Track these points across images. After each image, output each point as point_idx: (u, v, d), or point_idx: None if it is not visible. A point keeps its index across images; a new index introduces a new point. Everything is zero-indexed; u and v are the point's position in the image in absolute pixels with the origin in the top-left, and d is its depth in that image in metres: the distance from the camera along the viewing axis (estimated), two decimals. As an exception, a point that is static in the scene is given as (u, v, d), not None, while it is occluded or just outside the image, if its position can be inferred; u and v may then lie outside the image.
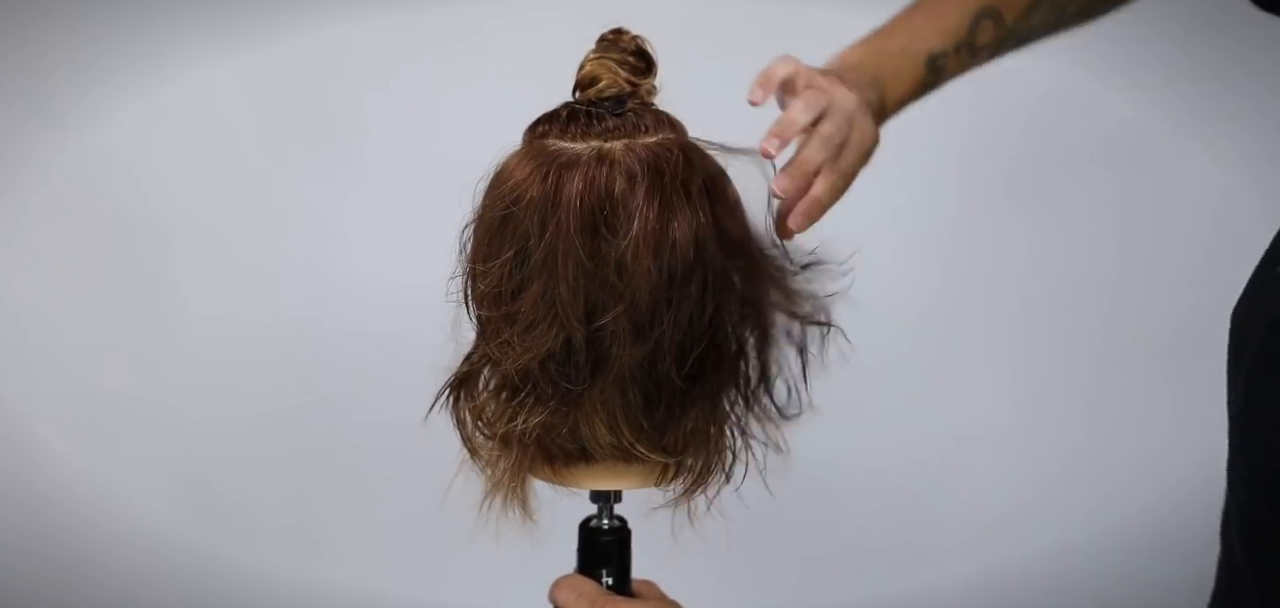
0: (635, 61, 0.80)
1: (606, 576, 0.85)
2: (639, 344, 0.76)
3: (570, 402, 0.78)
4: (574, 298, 0.75)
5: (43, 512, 1.58)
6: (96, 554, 1.59)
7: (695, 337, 0.77)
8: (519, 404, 0.80)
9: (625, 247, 0.74)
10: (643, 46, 0.81)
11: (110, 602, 1.60)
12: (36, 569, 1.59)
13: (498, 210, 0.78)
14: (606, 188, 0.75)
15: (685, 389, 0.78)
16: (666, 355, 0.76)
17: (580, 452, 0.82)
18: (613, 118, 0.78)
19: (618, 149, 0.77)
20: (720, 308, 0.79)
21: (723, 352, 0.80)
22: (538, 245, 0.76)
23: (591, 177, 0.75)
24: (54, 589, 1.59)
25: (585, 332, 0.76)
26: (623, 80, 0.79)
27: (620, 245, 0.74)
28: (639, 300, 0.75)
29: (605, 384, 0.77)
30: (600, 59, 0.80)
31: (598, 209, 0.75)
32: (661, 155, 0.76)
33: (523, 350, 0.77)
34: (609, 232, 0.75)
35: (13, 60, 1.50)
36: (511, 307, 0.78)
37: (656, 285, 0.75)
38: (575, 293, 0.75)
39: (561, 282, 0.75)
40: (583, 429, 0.79)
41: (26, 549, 1.58)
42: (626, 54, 0.80)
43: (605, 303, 0.75)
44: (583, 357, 0.77)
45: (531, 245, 0.76)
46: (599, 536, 0.85)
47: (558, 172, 0.76)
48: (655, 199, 0.75)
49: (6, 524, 1.58)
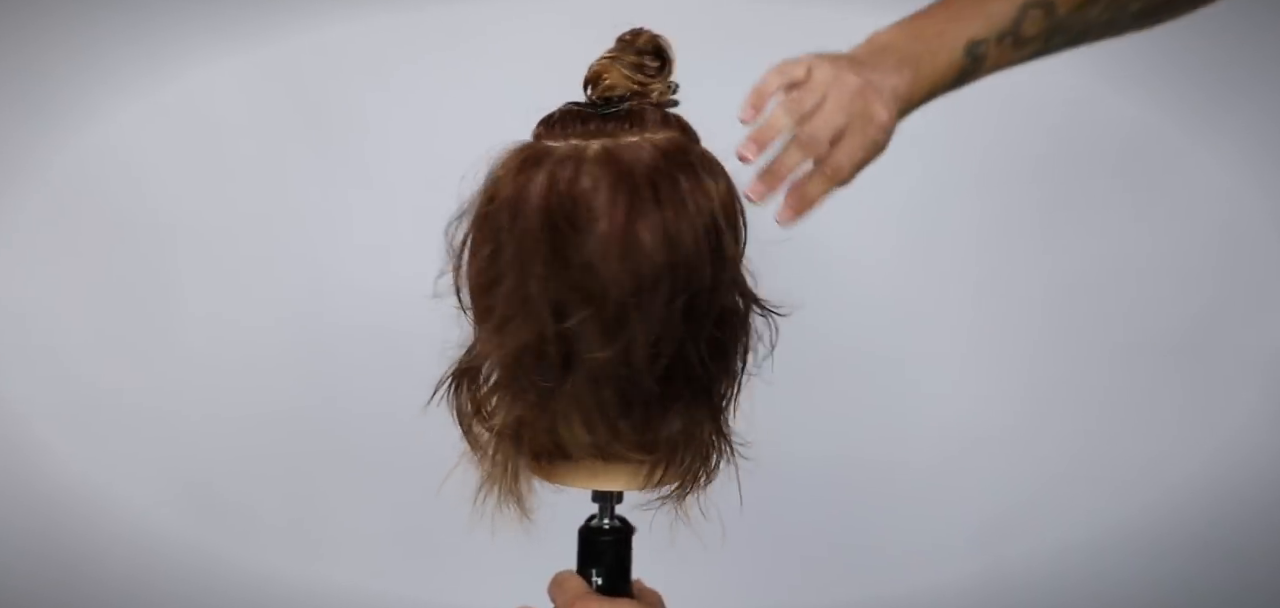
0: (648, 62, 0.80)
1: (596, 575, 0.85)
2: (607, 344, 0.75)
3: (546, 399, 0.78)
4: (542, 295, 0.75)
5: (43, 512, 1.58)
6: (96, 554, 1.59)
7: (667, 341, 0.76)
8: (500, 399, 0.80)
9: (592, 247, 0.74)
10: (660, 46, 0.81)
11: (110, 602, 1.60)
12: (36, 569, 1.59)
13: (480, 206, 0.79)
14: (568, 186, 0.75)
15: (661, 391, 0.77)
16: (639, 358, 0.75)
17: (561, 449, 0.82)
18: (610, 117, 0.78)
19: (592, 148, 0.76)
20: (695, 314, 0.77)
21: (692, 359, 0.78)
22: (509, 241, 0.76)
23: (555, 175, 0.75)
24: (54, 589, 1.59)
25: (554, 329, 0.76)
26: (627, 80, 0.79)
27: (587, 245, 0.74)
28: (606, 301, 0.74)
29: (577, 383, 0.77)
30: (610, 58, 0.80)
31: (559, 207, 0.75)
32: (638, 156, 0.76)
33: (497, 345, 0.78)
34: (572, 229, 0.74)
35: (13, 60, 1.50)
36: (488, 300, 0.78)
37: (623, 287, 0.74)
38: (544, 290, 0.75)
39: (531, 278, 0.75)
40: (561, 427, 0.79)
41: (26, 549, 1.58)
42: (642, 55, 0.80)
43: (573, 302, 0.75)
44: (554, 354, 0.76)
45: (503, 240, 0.77)
46: (592, 535, 0.86)
47: (528, 169, 0.77)
48: (622, 199, 0.74)
49: (6, 524, 1.58)
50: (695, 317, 0.77)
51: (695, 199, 0.76)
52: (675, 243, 0.75)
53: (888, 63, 0.85)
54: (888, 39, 0.87)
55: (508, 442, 0.81)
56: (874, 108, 0.83)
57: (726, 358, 0.81)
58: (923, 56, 0.86)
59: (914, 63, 0.86)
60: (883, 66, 0.85)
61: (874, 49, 0.87)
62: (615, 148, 0.76)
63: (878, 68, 0.85)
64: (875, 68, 0.85)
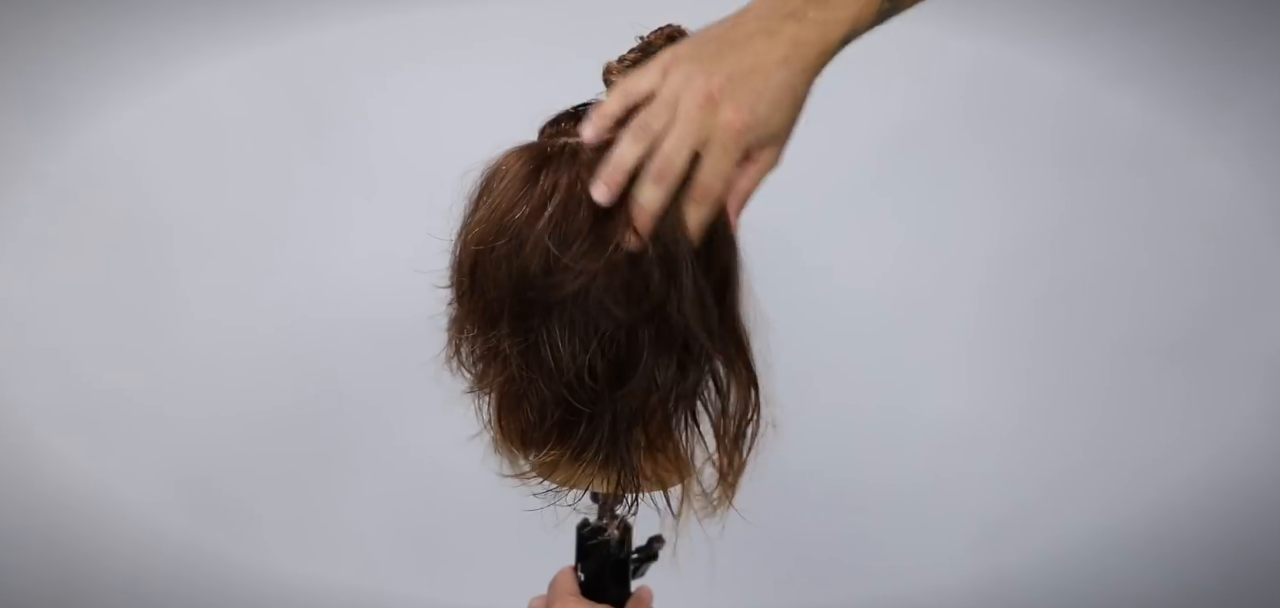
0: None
1: (579, 572, 0.86)
2: (528, 329, 0.75)
3: (509, 380, 0.78)
4: (495, 276, 0.76)
5: (43, 512, 1.58)
6: (96, 554, 1.59)
7: (601, 342, 0.74)
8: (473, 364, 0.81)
9: (528, 237, 0.74)
10: (673, 39, 0.79)
11: (110, 602, 1.60)
12: (36, 569, 1.59)
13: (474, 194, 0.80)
14: (518, 177, 0.76)
15: (608, 392, 0.76)
16: (565, 352, 0.75)
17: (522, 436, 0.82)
18: None
19: (561, 146, 0.76)
20: (629, 321, 0.75)
21: (635, 365, 0.76)
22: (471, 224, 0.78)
23: (504, 167, 0.77)
24: (54, 589, 1.59)
25: (512, 308, 0.76)
26: None
27: (529, 236, 0.74)
28: (532, 285, 0.74)
29: (517, 375, 0.77)
30: (623, 57, 0.80)
31: (514, 200, 0.75)
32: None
33: (464, 313, 0.80)
34: (515, 221, 0.75)
35: (13, 60, 1.50)
36: (457, 276, 0.80)
37: (546, 277, 0.74)
38: (497, 271, 0.76)
39: (486, 260, 0.76)
40: (525, 409, 0.79)
41: (27, 549, 1.58)
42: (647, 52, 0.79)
43: (523, 292, 0.75)
44: (507, 338, 0.77)
45: (468, 223, 0.78)
46: (578, 532, 0.86)
47: (499, 161, 0.78)
48: (559, 196, 0.73)
49: (6, 524, 1.58)
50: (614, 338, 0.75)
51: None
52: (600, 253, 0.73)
53: (772, 21, 0.73)
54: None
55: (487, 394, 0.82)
56: (724, 115, 0.71)
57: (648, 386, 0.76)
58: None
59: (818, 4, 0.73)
60: (758, 36, 0.72)
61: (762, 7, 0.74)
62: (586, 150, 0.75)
63: (750, 43, 0.72)
64: (747, 43, 0.72)
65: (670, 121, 0.72)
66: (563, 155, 0.76)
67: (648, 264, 0.73)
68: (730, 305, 0.79)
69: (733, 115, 0.71)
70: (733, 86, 0.71)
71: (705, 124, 0.71)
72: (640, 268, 0.73)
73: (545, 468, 0.83)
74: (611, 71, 0.79)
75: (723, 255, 0.78)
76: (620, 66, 0.79)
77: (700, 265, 0.75)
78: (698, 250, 0.75)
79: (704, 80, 0.71)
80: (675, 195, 0.73)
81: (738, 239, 0.79)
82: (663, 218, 0.73)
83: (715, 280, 0.77)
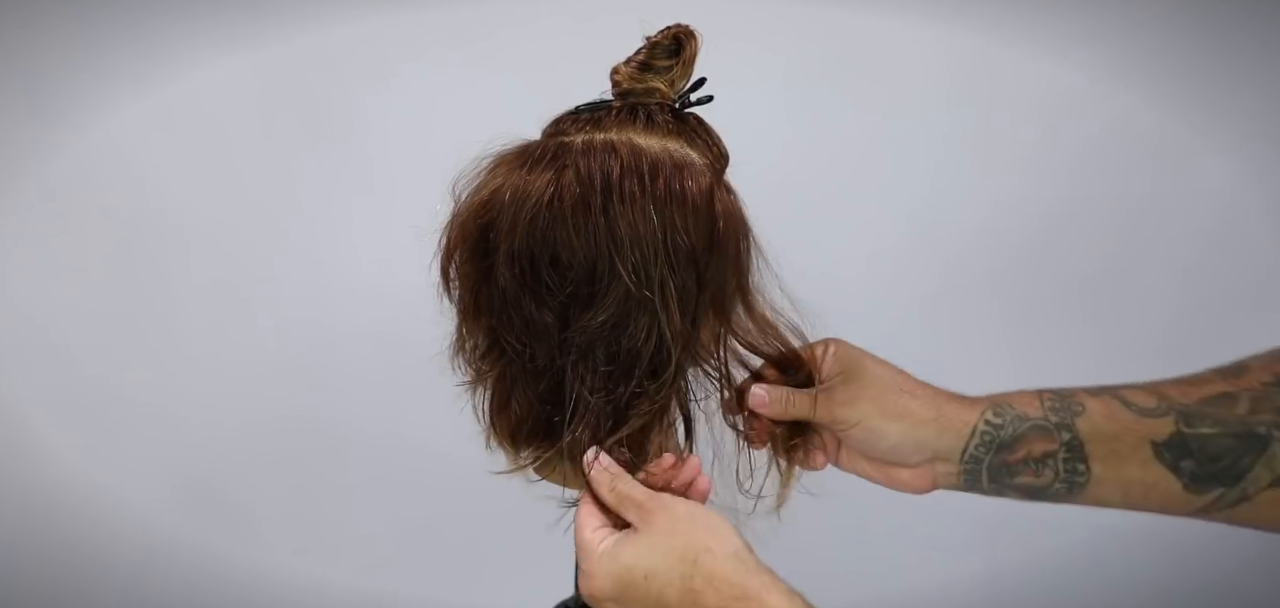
0: (662, 61, 0.79)
1: None
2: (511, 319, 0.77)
3: (500, 377, 0.80)
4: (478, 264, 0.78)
5: (44, 512, 1.58)
6: (96, 554, 1.59)
7: (587, 339, 0.76)
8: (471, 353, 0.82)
9: (517, 225, 0.76)
10: (682, 42, 0.79)
11: (110, 602, 1.60)
12: (36, 569, 1.59)
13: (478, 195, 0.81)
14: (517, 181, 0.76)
15: (589, 389, 0.77)
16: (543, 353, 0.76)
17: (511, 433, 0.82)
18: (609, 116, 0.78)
19: (565, 145, 0.76)
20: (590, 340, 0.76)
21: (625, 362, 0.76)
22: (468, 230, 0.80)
23: (497, 158, 0.78)
24: (54, 589, 1.59)
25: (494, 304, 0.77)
26: (630, 79, 0.79)
27: (518, 224, 0.76)
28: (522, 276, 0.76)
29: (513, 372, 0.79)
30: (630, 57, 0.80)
31: (500, 188, 0.77)
32: (600, 159, 0.74)
33: (458, 304, 0.81)
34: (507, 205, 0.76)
35: (13, 60, 1.50)
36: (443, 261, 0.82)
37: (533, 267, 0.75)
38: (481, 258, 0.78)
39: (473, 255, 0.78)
40: (513, 402, 0.80)
41: (26, 549, 1.58)
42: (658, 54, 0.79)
43: (509, 282, 0.76)
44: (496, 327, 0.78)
45: (458, 210, 0.80)
46: None
47: (494, 154, 0.79)
48: (555, 193, 0.74)
49: (6, 524, 1.58)
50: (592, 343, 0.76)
51: (626, 220, 0.74)
52: (572, 257, 0.74)
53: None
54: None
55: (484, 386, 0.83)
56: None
57: (615, 395, 0.77)
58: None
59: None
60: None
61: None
62: (592, 143, 0.76)
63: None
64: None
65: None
66: (557, 150, 0.76)
67: (636, 260, 0.74)
68: (724, 305, 0.80)
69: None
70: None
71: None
72: (627, 264, 0.74)
73: (545, 468, 0.83)
74: (618, 73, 0.79)
75: (722, 257, 0.78)
76: (627, 68, 0.79)
77: (698, 265, 0.76)
78: (696, 251, 0.75)
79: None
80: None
81: (745, 247, 0.80)
82: (662, 211, 0.74)
83: (713, 281, 0.77)
